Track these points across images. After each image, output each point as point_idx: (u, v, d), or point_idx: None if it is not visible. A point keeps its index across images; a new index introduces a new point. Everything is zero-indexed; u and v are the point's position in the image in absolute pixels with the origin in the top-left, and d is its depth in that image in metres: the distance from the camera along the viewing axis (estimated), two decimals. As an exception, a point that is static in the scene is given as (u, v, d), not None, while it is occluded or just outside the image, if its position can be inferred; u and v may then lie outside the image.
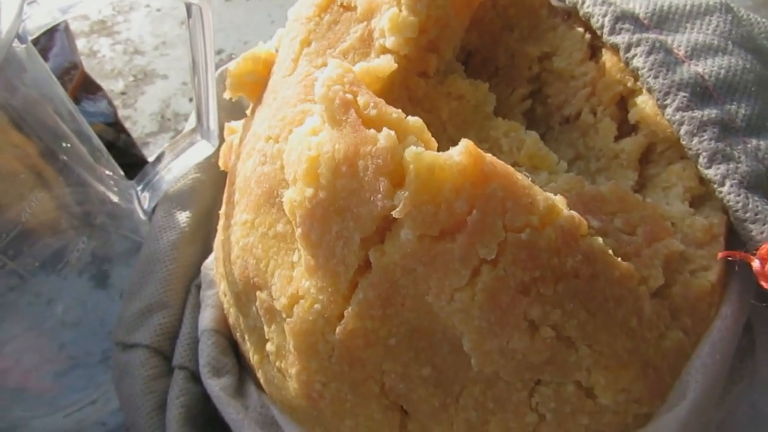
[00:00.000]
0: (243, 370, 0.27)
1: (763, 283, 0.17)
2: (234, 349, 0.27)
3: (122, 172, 0.34)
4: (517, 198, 0.14)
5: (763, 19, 0.28)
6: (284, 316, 0.18)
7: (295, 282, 0.18)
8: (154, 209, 0.33)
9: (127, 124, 0.46)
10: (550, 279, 0.15)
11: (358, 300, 0.16)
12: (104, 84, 0.47)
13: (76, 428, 0.35)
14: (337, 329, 0.17)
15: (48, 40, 0.43)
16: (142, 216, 0.34)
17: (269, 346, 0.20)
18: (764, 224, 0.18)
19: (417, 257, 0.15)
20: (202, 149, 0.32)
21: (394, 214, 0.14)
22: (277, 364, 0.19)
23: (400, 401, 0.18)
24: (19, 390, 0.34)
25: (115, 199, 0.31)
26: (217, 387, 0.25)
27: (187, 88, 0.49)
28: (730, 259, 0.19)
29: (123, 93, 0.49)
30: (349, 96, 0.15)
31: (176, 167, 0.32)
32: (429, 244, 0.15)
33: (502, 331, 0.15)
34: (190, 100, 0.48)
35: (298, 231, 0.17)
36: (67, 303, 0.35)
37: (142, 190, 0.33)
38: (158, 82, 0.49)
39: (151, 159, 0.46)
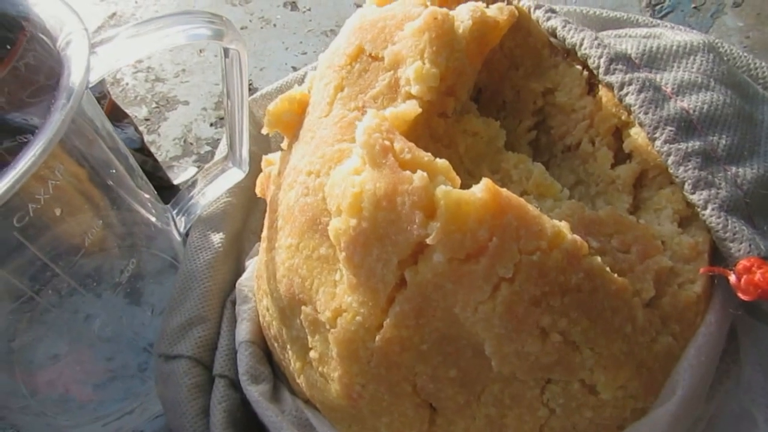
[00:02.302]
0: (277, 379, 0.30)
1: (740, 294, 0.21)
2: (269, 359, 0.31)
3: (157, 195, 0.37)
4: (528, 226, 0.18)
5: (745, 54, 0.31)
6: (328, 327, 0.21)
7: (338, 298, 0.21)
8: (188, 231, 0.37)
9: (152, 149, 0.49)
10: (558, 293, 0.18)
11: (395, 312, 0.19)
12: (129, 111, 0.50)
13: (117, 437, 0.37)
14: (377, 337, 0.20)
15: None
16: (177, 237, 0.37)
17: (312, 354, 0.23)
18: (741, 242, 0.22)
19: (446, 276, 0.18)
20: (233, 175, 0.35)
21: (428, 241, 0.18)
22: (320, 369, 0.23)
23: (430, 399, 0.21)
24: (63, 400, 0.37)
25: (154, 221, 0.35)
26: (256, 393, 0.28)
27: (208, 113, 0.52)
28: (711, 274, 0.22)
29: (147, 119, 0.52)
30: (387, 143, 0.19)
31: (209, 192, 0.35)
32: (457, 265, 0.18)
33: (518, 337, 0.18)
34: (211, 124, 0.52)
35: (342, 254, 0.20)
36: (103, 319, 0.38)
37: (178, 214, 0.36)
38: (180, 108, 0.53)
39: (176, 181, 0.49)
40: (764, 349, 0.24)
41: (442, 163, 0.19)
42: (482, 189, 0.18)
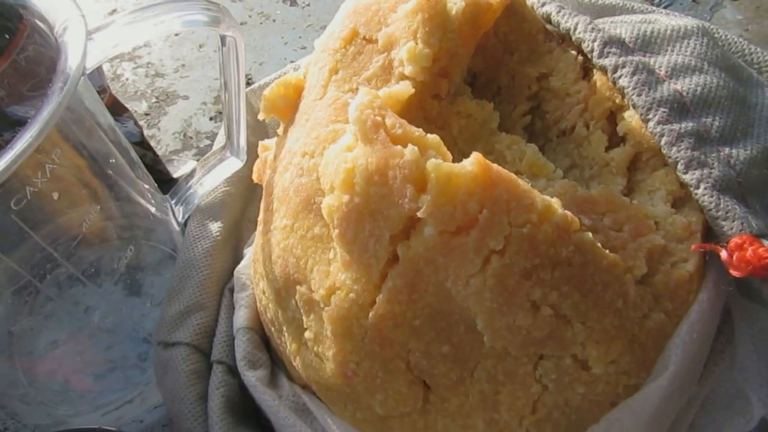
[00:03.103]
0: (274, 365, 0.30)
1: (732, 271, 0.21)
2: (266, 345, 0.31)
3: (156, 186, 0.37)
4: (519, 199, 0.18)
5: (740, 39, 0.31)
6: (322, 305, 0.21)
7: (332, 275, 0.21)
8: (186, 220, 0.37)
9: (152, 143, 0.50)
10: (548, 266, 0.18)
11: (387, 288, 0.19)
12: (129, 106, 0.50)
13: (115, 425, 0.38)
14: (370, 314, 0.20)
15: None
16: (176, 227, 0.37)
17: (307, 334, 0.23)
18: (733, 221, 0.22)
19: (438, 250, 0.18)
20: (231, 165, 0.35)
21: (419, 214, 0.18)
22: (315, 349, 0.23)
23: (423, 376, 0.21)
24: (63, 391, 0.37)
25: (153, 211, 0.35)
26: (253, 378, 0.29)
27: (207, 107, 0.53)
28: (706, 252, 0.22)
29: (147, 114, 0.53)
30: (379, 118, 0.19)
31: (207, 182, 0.36)
32: (448, 238, 0.18)
33: (509, 310, 0.18)
34: (210, 119, 0.52)
35: (335, 232, 0.20)
36: (103, 310, 0.38)
37: (176, 204, 0.37)
38: (179, 103, 0.53)
39: (176, 174, 0.50)
40: (758, 329, 0.24)
41: (433, 138, 0.19)
42: (472, 162, 0.18)
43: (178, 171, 0.49)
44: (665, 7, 0.60)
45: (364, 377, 0.21)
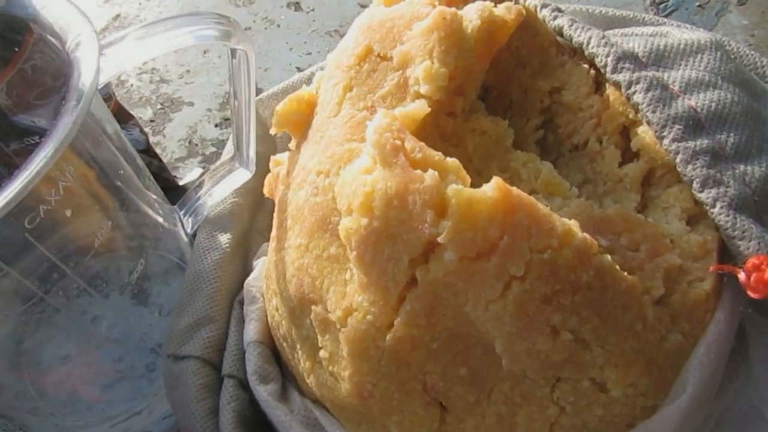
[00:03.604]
0: (285, 379, 0.30)
1: (750, 292, 0.21)
2: (277, 358, 0.31)
3: (164, 196, 0.37)
4: (539, 225, 0.18)
5: (752, 52, 0.31)
6: (339, 326, 0.21)
7: (349, 297, 0.21)
8: (195, 232, 0.37)
9: (157, 150, 0.50)
10: (569, 291, 0.18)
11: (405, 311, 0.19)
12: (134, 112, 0.50)
13: (124, 436, 0.38)
14: (387, 336, 0.20)
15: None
16: (184, 238, 0.37)
17: (322, 353, 0.23)
18: (750, 240, 0.22)
19: (458, 275, 0.18)
20: (240, 176, 0.35)
21: (439, 240, 0.18)
22: (330, 368, 0.23)
23: (440, 398, 0.21)
24: (71, 401, 0.37)
25: (161, 221, 0.35)
26: (264, 393, 0.29)
27: (212, 114, 0.53)
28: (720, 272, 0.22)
29: (152, 120, 0.53)
30: (398, 142, 0.19)
31: (216, 193, 0.36)
32: (468, 264, 0.18)
33: (529, 335, 0.18)
34: (216, 125, 0.52)
35: (353, 254, 0.20)
36: (110, 320, 0.38)
37: (185, 215, 0.37)
38: (184, 109, 0.53)
39: (182, 182, 0.50)
40: (773, 346, 0.24)
41: (452, 162, 0.19)
42: (493, 188, 0.18)
43: (184, 179, 0.49)
44: (671, 13, 0.60)
45: (380, 398, 0.21)
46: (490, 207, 0.18)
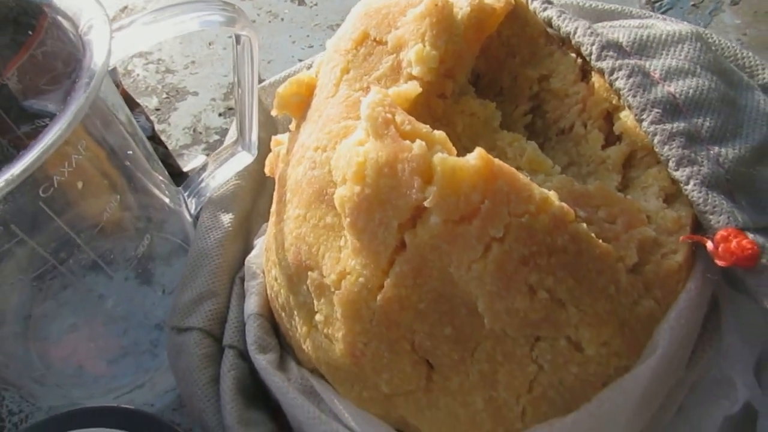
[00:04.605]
0: (283, 350, 0.32)
1: (717, 261, 0.22)
2: (275, 331, 0.32)
3: (170, 178, 0.39)
4: (518, 192, 0.20)
5: (733, 45, 0.33)
6: (333, 289, 0.23)
7: (343, 261, 0.23)
8: (199, 212, 0.38)
9: (162, 138, 0.51)
10: (545, 253, 0.20)
11: (395, 273, 0.21)
12: (140, 101, 0.52)
13: (128, 407, 0.39)
14: (378, 297, 0.22)
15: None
16: (188, 218, 0.39)
17: (318, 317, 0.25)
18: (720, 215, 0.23)
19: (442, 237, 0.20)
20: (243, 159, 0.37)
21: (425, 204, 0.20)
22: (325, 331, 0.24)
23: (427, 356, 0.23)
24: (77, 375, 0.39)
25: (167, 202, 0.37)
26: (263, 361, 0.30)
27: (216, 103, 0.54)
28: (694, 244, 0.24)
29: (157, 109, 0.54)
30: (389, 115, 0.20)
31: (219, 175, 0.37)
32: (452, 227, 0.20)
33: (508, 294, 0.20)
34: (219, 114, 0.54)
35: (347, 220, 0.22)
36: (115, 299, 0.40)
37: (189, 196, 0.38)
38: (189, 99, 0.55)
39: (186, 168, 0.51)
40: (743, 318, 0.25)
41: (439, 134, 0.21)
42: (476, 157, 0.20)
43: (188, 165, 0.51)
44: (666, 11, 0.61)
45: (371, 357, 0.23)
46: (472, 174, 0.19)
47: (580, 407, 0.22)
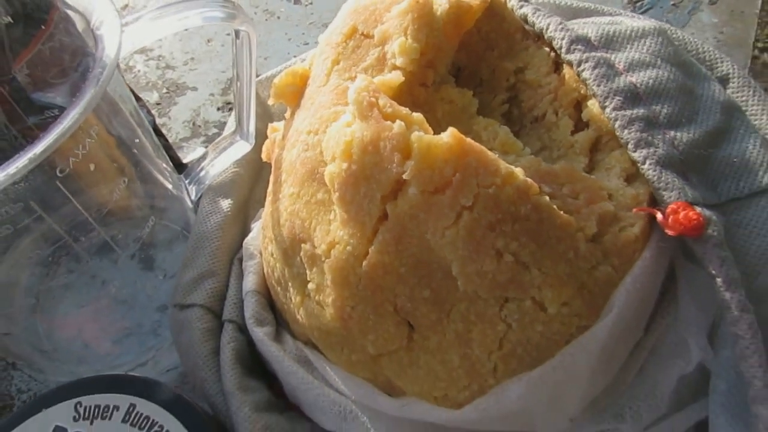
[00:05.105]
0: (279, 325, 0.35)
1: (667, 231, 0.25)
2: (272, 308, 0.35)
3: (173, 166, 0.42)
4: (486, 166, 0.22)
5: (695, 40, 0.36)
6: (324, 258, 0.26)
7: (332, 233, 0.25)
8: (199, 199, 0.41)
9: (163, 131, 0.54)
10: (509, 220, 0.23)
11: (378, 241, 0.24)
12: (141, 96, 0.55)
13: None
14: (364, 264, 0.24)
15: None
16: (189, 204, 0.41)
17: (310, 286, 0.27)
18: (672, 191, 0.26)
19: (420, 207, 0.23)
20: (241, 148, 0.40)
21: (404, 176, 0.22)
22: (317, 298, 0.27)
23: (408, 317, 0.25)
24: (83, 354, 0.42)
25: (170, 188, 0.39)
26: (261, 333, 0.33)
27: (215, 98, 0.57)
28: (651, 218, 0.27)
29: (158, 103, 0.57)
30: (373, 99, 0.23)
31: (219, 163, 0.40)
32: (428, 197, 0.23)
33: (477, 257, 0.23)
34: (218, 109, 0.56)
35: (336, 195, 0.24)
36: (119, 283, 0.42)
37: (190, 183, 0.41)
38: (189, 94, 0.57)
39: (185, 160, 0.54)
40: (696, 286, 0.28)
41: (417, 115, 0.24)
42: (449, 135, 0.22)
43: (187, 157, 0.54)
44: (646, 11, 0.64)
45: (358, 320, 0.26)
46: (445, 150, 0.22)
47: (545, 363, 0.25)
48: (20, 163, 0.24)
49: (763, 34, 0.61)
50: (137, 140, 0.35)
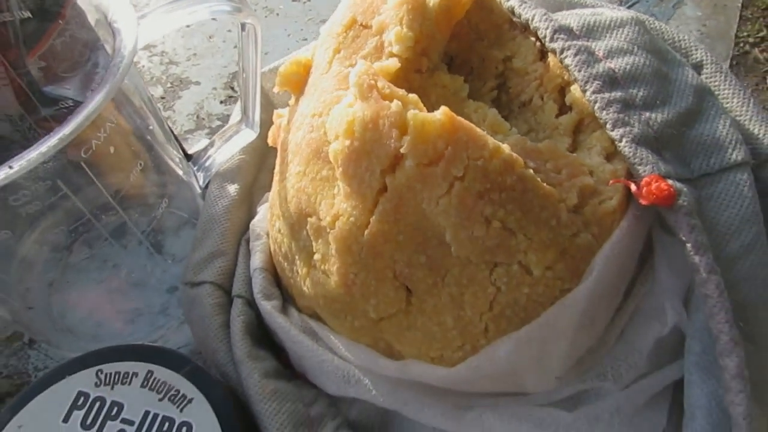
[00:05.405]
0: (285, 301, 0.37)
1: (641, 201, 0.28)
2: (278, 285, 0.38)
3: (183, 154, 0.44)
4: (475, 141, 0.25)
5: (672, 29, 0.39)
6: (328, 230, 0.28)
7: (336, 206, 0.28)
8: (207, 184, 0.44)
9: (168, 123, 0.56)
10: (497, 189, 0.25)
11: (378, 211, 0.26)
12: (147, 90, 0.57)
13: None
14: (365, 233, 0.27)
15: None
16: (198, 190, 0.44)
17: (316, 257, 0.30)
18: (646, 165, 0.29)
19: (416, 178, 0.25)
20: (246, 136, 0.42)
21: (402, 151, 0.25)
22: (322, 267, 0.30)
23: (406, 282, 0.28)
24: (97, 333, 0.44)
25: (181, 174, 0.42)
26: (268, 306, 0.35)
27: (217, 92, 0.60)
28: (628, 192, 0.29)
29: (162, 97, 0.59)
30: (372, 82, 0.26)
31: (226, 151, 0.42)
32: (423, 169, 0.25)
33: (469, 224, 0.25)
34: (221, 102, 0.59)
35: (339, 170, 0.27)
36: (129, 267, 0.45)
37: (198, 170, 0.43)
38: (192, 88, 0.60)
39: (190, 151, 0.56)
40: (671, 255, 0.31)
41: (413, 96, 0.26)
42: (441, 113, 0.25)
43: (192, 148, 0.56)
44: (633, 5, 0.67)
45: (360, 285, 0.28)
46: (438, 127, 0.25)
47: (531, 322, 0.28)
48: (51, 142, 0.26)
49: (753, 29, 0.64)
50: (150, 127, 0.37)
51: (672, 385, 0.31)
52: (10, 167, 0.26)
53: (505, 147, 0.26)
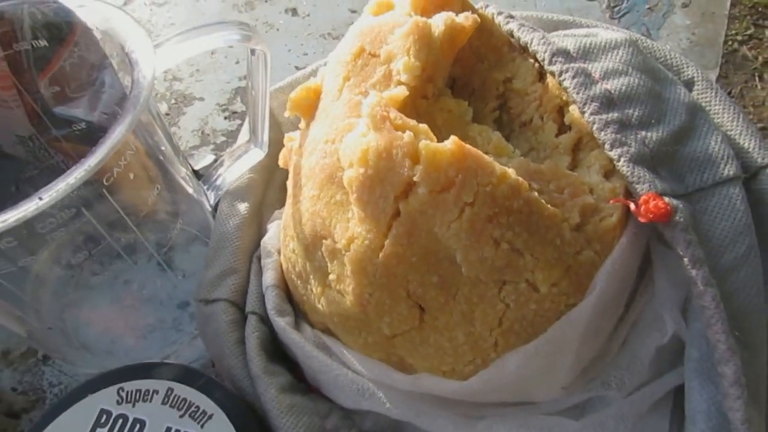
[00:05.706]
0: (297, 316, 0.38)
1: (640, 218, 0.29)
2: (290, 301, 0.39)
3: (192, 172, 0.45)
4: (483, 168, 0.27)
5: (663, 47, 0.40)
6: (344, 252, 0.30)
7: (351, 229, 0.29)
8: (217, 203, 0.45)
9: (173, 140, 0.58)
10: (505, 213, 0.27)
11: (392, 235, 0.28)
12: (151, 107, 0.58)
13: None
14: (380, 255, 0.28)
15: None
16: (208, 208, 0.45)
17: (331, 277, 0.31)
18: (644, 184, 0.30)
19: (428, 204, 0.27)
20: (255, 155, 0.43)
21: (414, 179, 0.26)
22: (337, 287, 0.31)
23: (419, 301, 0.29)
24: (110, 349, 0.45)
25: (191, 192, 0.43)
26: (282, 322, 0.37)
27: (221, 108, 0.61)
28: (627, 209, 0.31)
29: (167, 114, 0.61)
30: (385, 113, 0.27)
31: (235, 170, 0.44)
32: (435, 196, 0.27)
33: (478, 246, 0.27)
34: (225, 118, 0.60)
35: (354, 196, 0.28)
36: (140, 283, 0.46)
37: (208, 189, 0.45)
38: (196, 104, 0.61)
39: (196, 167, 0.58)
40: (670, 267, 0.32)
41: (423, 126, 0.28)
42: (451, 143, 0.27)
43: (198, 164, 0.58)
44: (624, 15, 0.69)
45: (375, 305, 0.30)
46: (449, 156, 0.26)
47: (539, 337, 0.29)
48: (78, 174, 0.27)
49: (741, 27, 0.66)
50: (163, 148, 0.39)
51: (673, 391, 0.33)
52: (40, 198, 0.27)
53: (511, 172, 0.28)
